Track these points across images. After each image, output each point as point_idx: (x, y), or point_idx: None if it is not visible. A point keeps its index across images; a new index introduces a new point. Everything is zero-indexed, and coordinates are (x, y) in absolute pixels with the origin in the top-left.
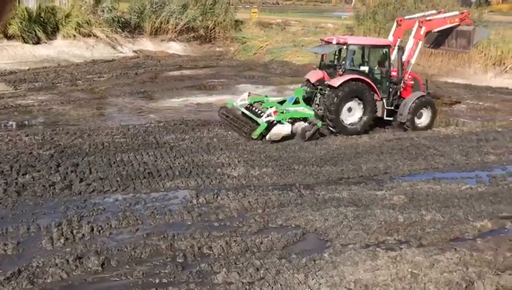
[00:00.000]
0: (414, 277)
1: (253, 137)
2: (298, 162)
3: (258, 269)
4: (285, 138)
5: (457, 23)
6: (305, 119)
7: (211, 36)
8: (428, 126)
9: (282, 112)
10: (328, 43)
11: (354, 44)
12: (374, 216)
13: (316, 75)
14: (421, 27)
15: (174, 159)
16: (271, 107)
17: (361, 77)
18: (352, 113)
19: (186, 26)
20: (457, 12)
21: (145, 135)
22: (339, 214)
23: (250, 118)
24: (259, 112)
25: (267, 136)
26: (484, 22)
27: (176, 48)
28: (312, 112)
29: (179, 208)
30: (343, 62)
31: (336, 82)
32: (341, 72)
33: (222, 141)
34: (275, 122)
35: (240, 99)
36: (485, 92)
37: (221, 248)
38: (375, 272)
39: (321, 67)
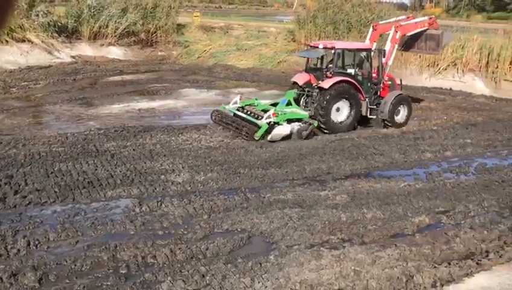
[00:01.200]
0: (357, 274)
1: (256, 138)
2: (244, 166)
3: (203, 276)
4: (284, 138)
5: (427, 28)
6: (299, 120)
7: (152, 40)
8: (405, 122)
9: (279, 114)
10: (315, 47)
11: (340, 48)
12: (317, 216)
13: (303, 78)
14: (396, 32)
15: (116, 167)
16: (263, 110)
17: (348, 79)
18: (340, 113)
19: (126, 30)
20: (426, 18)
21: (84, 143)
22: (284, 215)
23: (247, 120)
24: (255, 114)
25: (269, 137)
26: None
27: (116, 52)
28: (306, 113)
29: (121, 217)
30: (331, 65)
31: (326, 84)
32: (330, 75)
33: (165, 147)
34: (271, 123)
35: (232, 103)
36: (420, 92)
37: (166, 256)
38: (319, 272)
39: (307, 70)
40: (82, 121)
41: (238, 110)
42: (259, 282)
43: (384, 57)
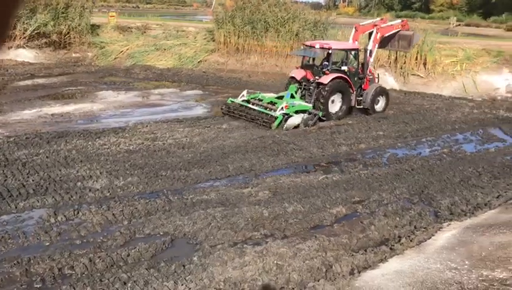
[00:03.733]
0: (279, 268)
1: (273, 128)
2: (165, 168)
3: (125, 283)
4: (295, 126)
5: (400, 29)
6: (304, 111)
7: (65, 42)
8: (384, 110)
9: (290, 106)
10: (311, 47)
11: (336, 48)
12: (241, 214)
13: (300, 74)
14: (377, 33)
15: (28, 177)
16: (269, 102)
17: (342, 75)
18: (335, 104)
19: (36, 31)
20: (399, 21)
21: None
22: (207, 215)
23: (260, 112)
24: (265, 107)
25: (284, 126)
26: (332, 23)
27: (26, 55)
28: (310, 105)
29: (34, 229)
30: (326, 62)
31: (326, 80)
32: (328, 72)
33: (82, 153)
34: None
35: (240, 96)
36: None
37: (85, 266)
38: (243, 269)
39: (303, 66)
40: None
41: (247, 102)
42: (182, 284)
43: (370, 55)
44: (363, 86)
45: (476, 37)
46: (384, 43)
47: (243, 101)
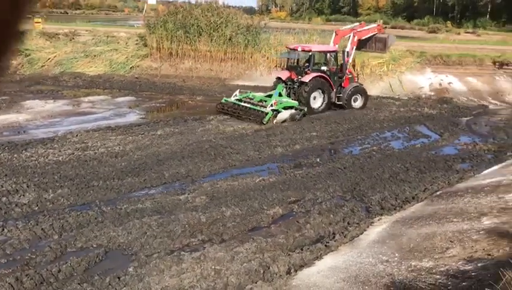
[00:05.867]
0: (217, 273)
1: (264, 122)
2: (97, 178)
3: None
4: (283, 121)
5: (376, 32)
6: (291, 107)
7: None
8: (362, 107)
9: (278, 103)
10: (294, 50)
11: (316, 50)
12: (177, 221)
13: (285, 74)
14: (355, 36)
15: None
16: (260, 100)
17: (322, 74)
18: (316, 101)
19: None
20: (375, 25)
21: None
22: (142, 225)
23: (252, 109)
24: (256, 104)
25: (275, 121)
26: (263, 28)
27: None
28: (296, 102)
29: None
30: (307, 64)
31: (307, 78)
32: (309, 71)
33: (6, 166)
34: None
35: (233, 96)
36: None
37: (11, 286)
38: (180, 276)
39: (287, 68)
40: None
41: (240, 100)
42: None
43: (347, 56)
44: (342, 84)
45: (401, 39)
46: (362, 45)
47: (236, 99)
